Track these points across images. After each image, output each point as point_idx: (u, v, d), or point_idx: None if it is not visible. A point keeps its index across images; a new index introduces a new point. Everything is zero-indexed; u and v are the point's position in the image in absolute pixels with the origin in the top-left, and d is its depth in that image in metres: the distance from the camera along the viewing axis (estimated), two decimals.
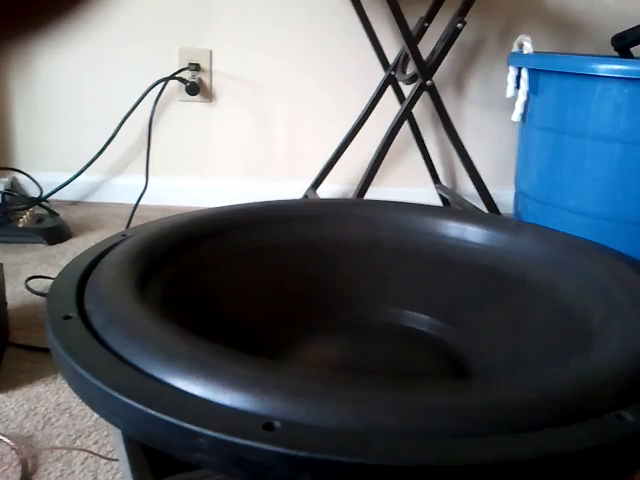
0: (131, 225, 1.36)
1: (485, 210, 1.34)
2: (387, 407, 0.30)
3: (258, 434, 0.29)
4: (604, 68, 1.05)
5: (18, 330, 0.91)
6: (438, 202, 1.60)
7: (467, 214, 0.65)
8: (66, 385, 0.76)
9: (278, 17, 1.48)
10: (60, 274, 0.47)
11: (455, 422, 0.30)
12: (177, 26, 1.48)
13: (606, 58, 1.14)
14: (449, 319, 0.59)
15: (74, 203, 1.56)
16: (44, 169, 1.54)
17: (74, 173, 1.48)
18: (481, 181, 1.33)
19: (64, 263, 1.18)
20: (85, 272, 0.47)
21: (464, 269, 0.61)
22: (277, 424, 0.30)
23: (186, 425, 0.30)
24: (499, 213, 1.34)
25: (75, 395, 0.36)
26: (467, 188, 1.52)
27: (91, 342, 0.37)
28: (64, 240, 1.30)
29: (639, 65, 1.04)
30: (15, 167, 1.52)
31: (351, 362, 0.55)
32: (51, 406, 0.75)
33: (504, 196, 1.46)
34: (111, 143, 1.48)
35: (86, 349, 0.36)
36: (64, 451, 0.67)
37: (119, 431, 0.38)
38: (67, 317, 0.40)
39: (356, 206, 0.67)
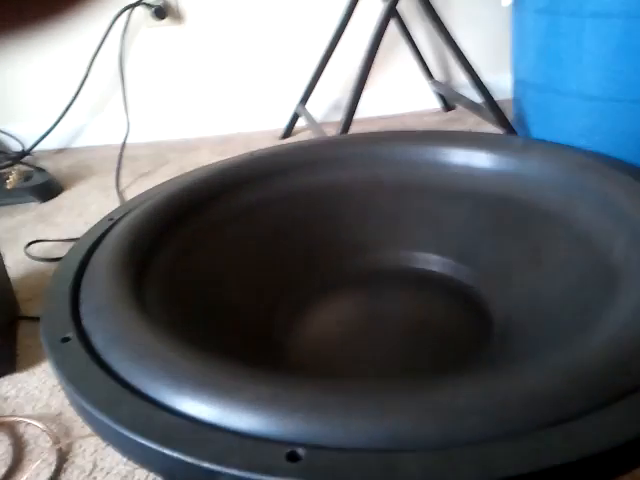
0: (122, 168, 1.32)
1: (480, 100, 1.28)
2: (413, 417, 0.29)
3: (282, 468, 0.28)
4: None
5: (27, 301, 0.90)
6: (433, 99, 1.53)
7: (469, 138, 0.61)
8: None
9: None
10: (51, 281, 0.44)
11: (487, 426, 0.28)
12: None
13: None
14: (462, 258, 0.56)
15: (59, 151, 1.51)
16: (20, 121, 1.47)
17: (53, 121, 1.42)
18: (474, 72, 1.26)
19: (60, 220, 1.15)
20: (76, 276, 0.44)
21: (472, 201, 0.58)
22: (300, 452, 0.28)
23: (205, 464, 0.28)
24: (495, 102, 1.27)
25: None
26: (462, 79, 1.44)
27: (94, 370, 0.35)
28: (56, 195, 1.26)
29: None
30: None
31: (368, 324, 0.53)
32: None
33: (501, 81, 1.39)
34: (86, 83, 1.41)
35: (90, 379, 0.34)
36: None
37: None
38: (65, 339, 0.38)
39: (351, 144, 0.63)
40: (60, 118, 1.42)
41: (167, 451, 0.29)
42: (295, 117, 1.44)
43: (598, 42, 1.06)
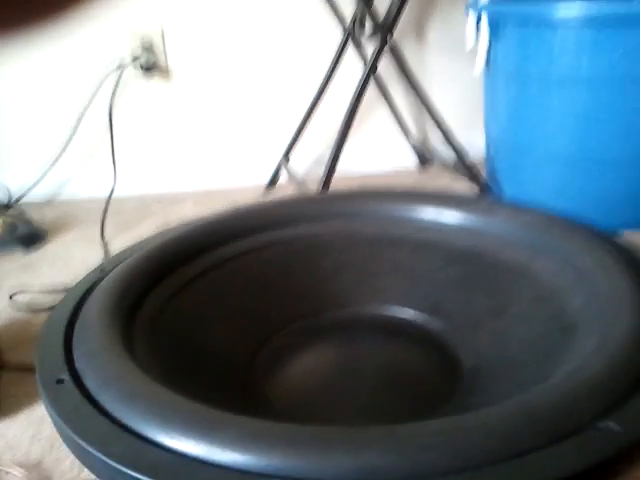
0: (107, 220, 1.35)
1: (455, 157, 1.34)
2: (382, 452, 0.32)
3: None
4: (562, 12, 1.04)
5: (10, 351, 0.90)
6: (411, 156, 1.59)
7: (440, 197, 0.65)
8: None
9: None
10: (45, 326, 0.47)
11: (447, 460, 0.31)
12: (125, 8, 1.42)
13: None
14: (433, 309, 0.60)
15: (45, 202, 1.53)
16: (7, 171, 1.50)
17: (40, 173, 1.45)
18: (447, 132, 1.33)
19: (45, 270, 1.17)
20: (70, 321, 0.47)
21: (443, 256, 0.62)
22: None
23: None
24: (468, 162, 1.33)
25: None
26: (439, 138, 1.51)
27: (88, 409, 0.37)
28: (41, 245, 1.28)
29: (597, 7, 1.02)
30: None
31: (345, 371, 0.56)
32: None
33: (475, 140, 1.45)
34: (75, 137, 1.45)
35: (84, 418, 0.37)
36: (74, 474, 0.68)
37: None
38: (60, 381, 0.40)
39: (330, 201, 0.67)
40: (48, 170, 1.46)
41: None
42: (278, 171, 1.49)
43: (565, 106, 1.12)
